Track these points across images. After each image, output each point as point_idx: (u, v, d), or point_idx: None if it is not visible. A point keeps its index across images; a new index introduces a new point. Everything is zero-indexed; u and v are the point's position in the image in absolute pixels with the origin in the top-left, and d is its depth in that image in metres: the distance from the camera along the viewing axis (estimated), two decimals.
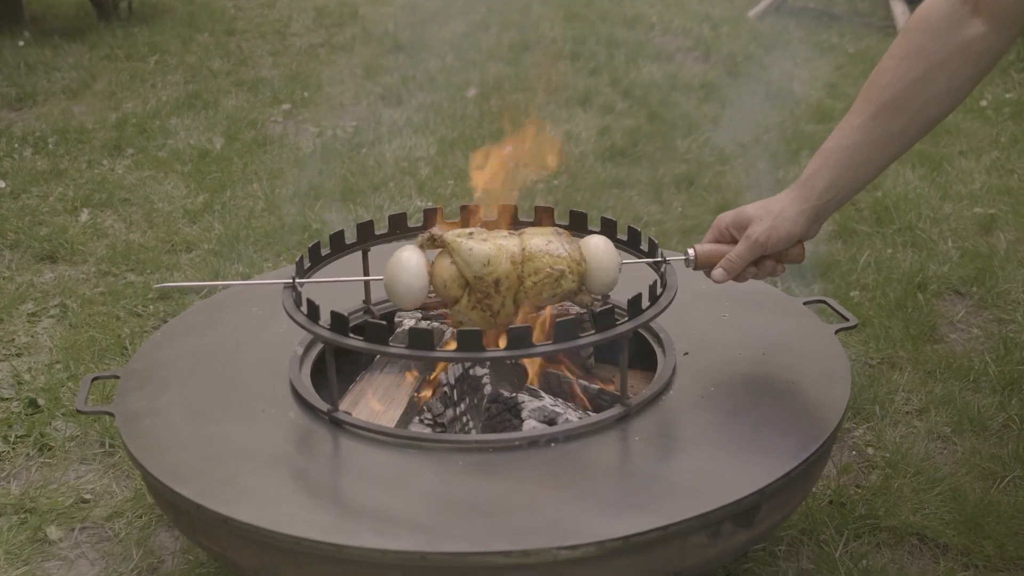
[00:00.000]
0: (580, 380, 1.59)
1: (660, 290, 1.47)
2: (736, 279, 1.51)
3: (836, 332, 1.66)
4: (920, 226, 2.89)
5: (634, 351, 1.65)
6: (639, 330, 1.51)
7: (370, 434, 1.41)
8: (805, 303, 1.77)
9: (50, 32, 5.18)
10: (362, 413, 1.52)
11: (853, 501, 1.82)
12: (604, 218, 1.61)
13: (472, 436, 1.45)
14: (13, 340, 2.40)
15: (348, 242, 1.65)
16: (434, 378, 1.59)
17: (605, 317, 1.37)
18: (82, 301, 2.56)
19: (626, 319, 1.40)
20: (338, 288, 1.65)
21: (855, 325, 1.68)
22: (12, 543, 1.75)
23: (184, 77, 4.56)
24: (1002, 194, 3.12)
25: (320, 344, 1.57)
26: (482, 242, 1.42)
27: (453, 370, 1.54)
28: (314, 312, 1.42)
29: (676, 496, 1.28)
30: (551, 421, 1.45)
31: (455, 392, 1.53)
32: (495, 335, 1.49)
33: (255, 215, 3.07)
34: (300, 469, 1.38)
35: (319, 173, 3.41)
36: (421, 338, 1.34)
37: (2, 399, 2.17)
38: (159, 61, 4.77)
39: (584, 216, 1.64)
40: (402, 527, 1.23)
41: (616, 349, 1.45)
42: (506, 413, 1.47)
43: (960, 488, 1.84)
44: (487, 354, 1.35)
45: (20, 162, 3.52)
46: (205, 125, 3.90)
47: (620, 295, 1.50)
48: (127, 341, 2.36)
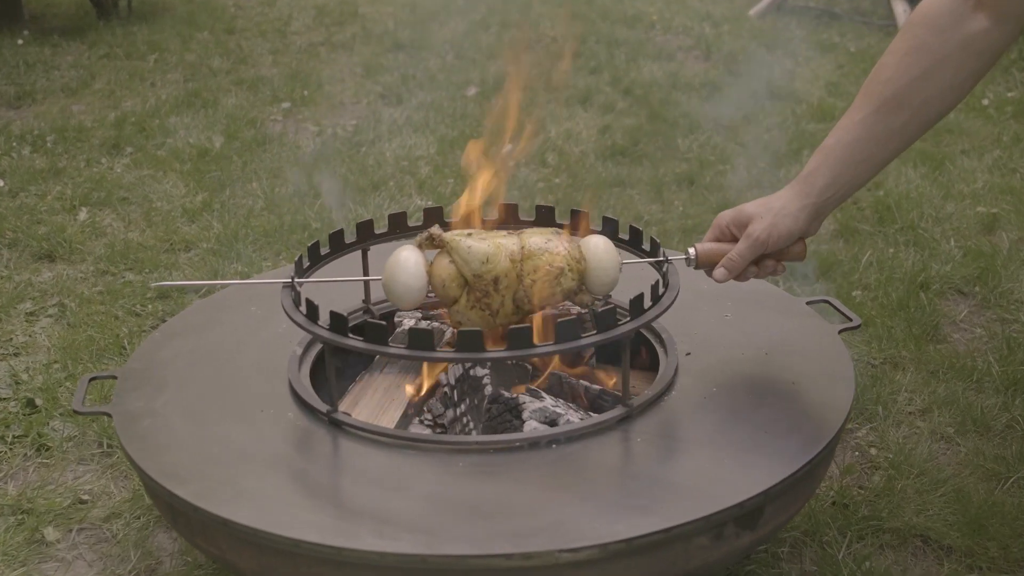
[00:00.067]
0: (581, 380, 1.58)
1: (662, 290, 1.46)
2: (738, 278, 1.50)
3: (839, 332, 1.65)
4: (922, 225, 2.88)
5: (636, 351, 1.64)
6: (641, 330, 1.50)
7: (370, 435, 1.40)
8: (808, 303, 1.76)
9: (49, 30, 5.17)
10: (362, 414, 1.50)
11: (856, 502, 1.81)
12: (605, 217, 1.59)
13: (472, 437, 1.44)
14: (11, 340, 2.39)
15: (348, 241, 1.64)
16: (433, 380, 1.58)
17: (607, 317, 1.36)
18: (80, 300, 2.55)
19: (628, 319, 1.39)
20: (337, 288, 1.64)
21: (858, 325, 1.67)
22: (9, 544, 1.74)
23: (184, 75, 4.55)
24: (1004, 193, 3.11)
25: (319, 344, 1.56)
26: (481, 241, 1.41)
27: (453, 370, 1.53)
28: (313, 312, 1.41)
29: (679, 498, 1.27)
30: (552, 422, 1.44)
31: (455, 393, 1.52)
32: (495, 335, 1.47)
33: (254, 214, 3.06)
34: (299, 470, 1.36)
35: (319, 172, 3.40)
36: (421, 338, 1.33)
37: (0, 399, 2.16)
38: (158, 60, 4.77)
39: (585, 215, 1.63)
40: (402, 529, 1.22)
41: (618, 350, 1.44)
42: (507, 414, 1.46)
43: (964, 489, 1.82)
44: (487, 355, 1.34)
45: (18, 160, 3.51)
46: (204, 124, 3.89)
47: (622, 295, 1.49)
48: (125, 340, 2.35)
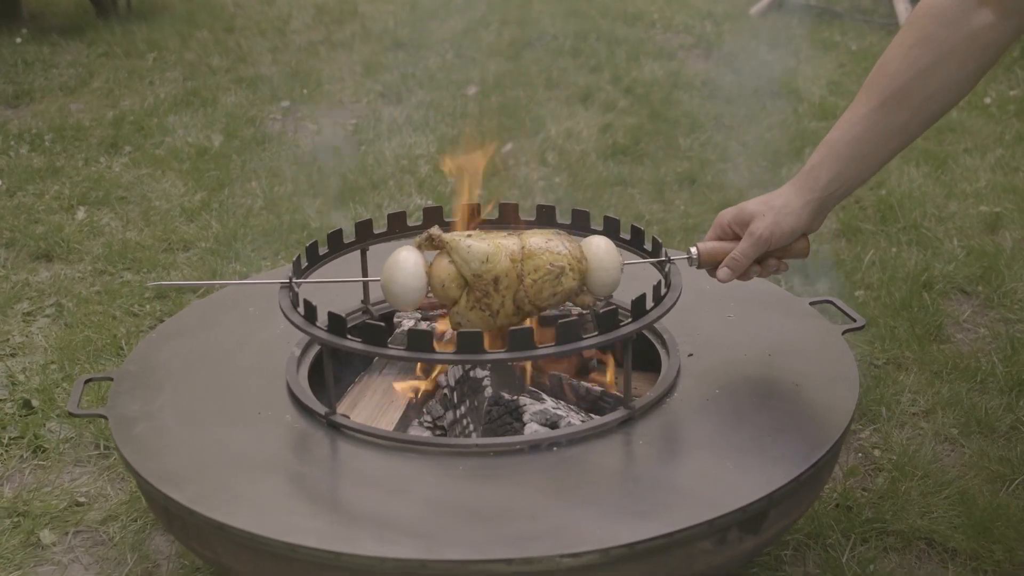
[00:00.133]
0: (582, 382, 1.56)
1: (664, 290, 1.44)
2: (741, 278, 1.48)
3: (843, 333, 1.63)
4: (925, 224, 2.86)
5: (638, 352, 1.62)
6: (643, 331, 1.48)
7: (368, 438, 1.38)
8: (811, 303, 1.74)
9: (48, 29, 5.16)
10: (360, 416, 1.49)
11: (860, 504, 1.79)
12: (607, 217, 1.58)
13: (472, 440, 1.42)
14: (8, 340, 2.37)
15: (346, 241, 1.62)
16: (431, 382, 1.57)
17: (608, 318, 1.34)
18: (78, 300, 2.53)
19: (630, 320, 1.37)
20: (336, 288, 1.62)
21: (862, 326, 1.65)
22: (4, 547, 1.72)
23: (183, 74, 4.54)
24: (1007, 192, 3.09)
25: (318, 345, 1.55)
26: (481, 240, 1.39)
27: (453, 372, 1.52)
28: (311, 313, 1.40)
29: (682, 502, 1.25)
30: (553, 424, 1.42)
31: (455, 394, 1.50)
32: (495, 336, 1.46)
33: (253, 213, 3.04)
34: (297, 474, 1.35)
35: (318, 171, 3.38)
36: (420, 340, 1.31)
37: None
38: (157, 58, 4.75)
39: (587, 215, 1.62)
40: (401, 534, 1.20)
41: (619, 351, 1.42)
42: (507, 416, 1.44)
43: (968, 491, 1.81)
44: (487, 356, 1.32)
45: (16, 160, 3.50)
46: (203, 123, 3.87)
47: (623, 295, 1.47)
48: (123, 341, 2.33)
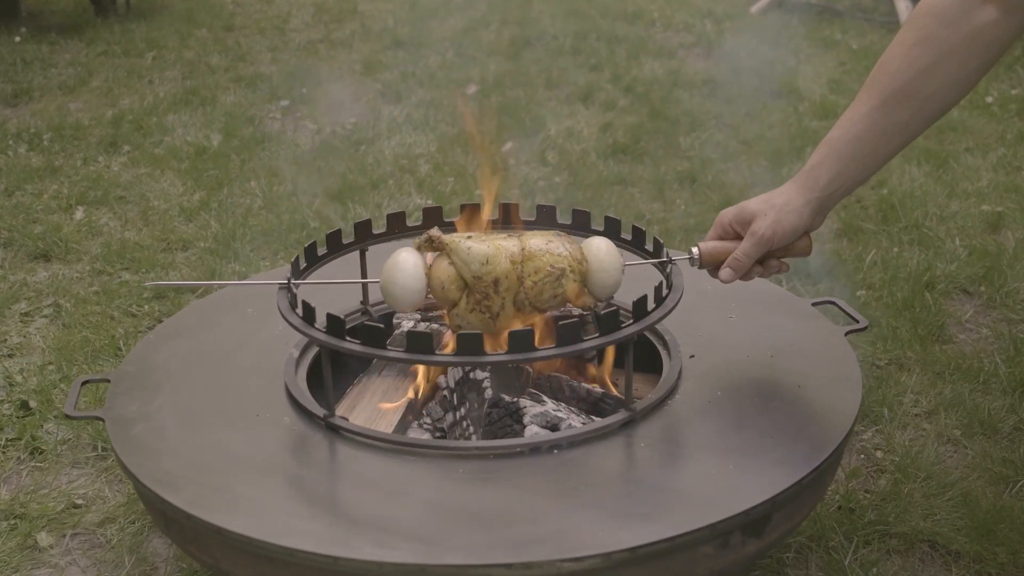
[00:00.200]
0: (583, 384, 1.55)
1: (666, 291, 1.43)
2: (743, 278, 1.47)
3: (846, 334, 1.62)
4: (927, 224, 2.85)
5: (639, 353, 1.61)
6: (644, 332, 1.47)
7: (368, 440, 1.37)
8: (813, 304, 1.73)
9: (47, 28, 5.14)
10: (359, 418, 1.48)
11: (862, 507, 1.78)
12: (608, 217, 1.57)
13: (472, 442, 1.41)
14: (5, 340, 2.36)
15: (345, 242, 1.61)
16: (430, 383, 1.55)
17: (610, 319, 1.33)
18: (76, 300, 2.52)
19: (631, 321, 1.36)
20: (336, 289, 1.61)
21: (865, 327, 1.64)
22: (1, 550, 1.71)
23: (182, 73, 4.52)
24: (1009, 191, 3.08)
25: (316, 347, 1.53)
26: (480, 242, 1.38)
27: (453, 374, 1.50)
28: (310, 314, 1.38)
29: (683, 505, 1.24)
30: (554, 426, 1.41)
31: (455, 396, 1.49)
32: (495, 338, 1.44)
33: (252, 213, 3.03)
34: (295, 477, 1.34)
35: (318, 170, 3.37)
36: (420, 342, 1.30)
37: None
38: (156, 57, 4.74)
39: (587, 215, 1.61)
40: (400, 538, 1.19)
41: (620, 353, 1.41)
42: (507, 418, 1.43)
43: (971, 493, 1.80)
44: (487, 358, 1.31)
45: (14, 159, 3.48)
46: (202, 122, 3.86)
47: (625, 296, 1.46)
48: (121, 341, 2.32)
